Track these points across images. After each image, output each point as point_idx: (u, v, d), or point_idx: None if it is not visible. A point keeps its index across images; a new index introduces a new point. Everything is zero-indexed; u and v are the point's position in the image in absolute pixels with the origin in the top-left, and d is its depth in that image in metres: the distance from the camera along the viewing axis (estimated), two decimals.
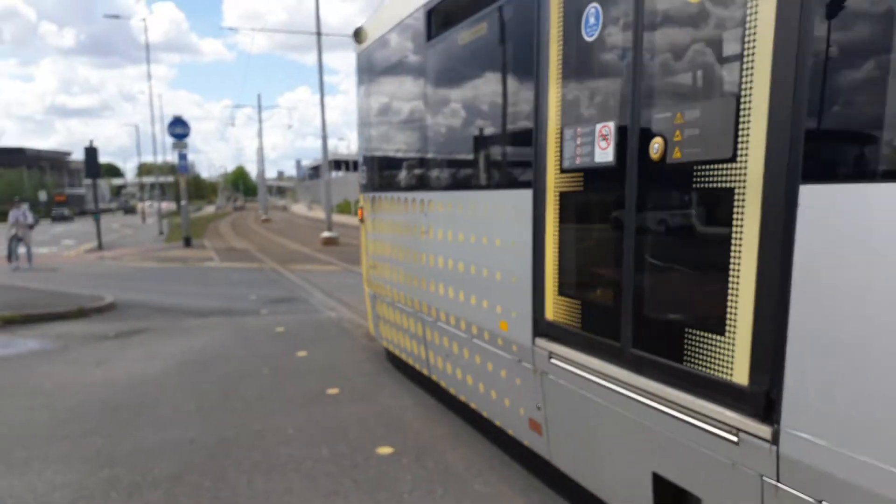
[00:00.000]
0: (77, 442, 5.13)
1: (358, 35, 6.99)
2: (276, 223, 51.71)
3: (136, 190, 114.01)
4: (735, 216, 2.40)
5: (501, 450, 4.83)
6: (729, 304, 2.46)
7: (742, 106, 2.33)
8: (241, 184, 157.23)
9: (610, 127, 3.08)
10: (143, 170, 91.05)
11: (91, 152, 23.97)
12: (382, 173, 6.73)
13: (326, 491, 4.24)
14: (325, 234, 26.42)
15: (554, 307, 3.66)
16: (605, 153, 3.13)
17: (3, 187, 73.09)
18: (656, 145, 2.76)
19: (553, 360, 3.66)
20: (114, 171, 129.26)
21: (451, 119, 5.01)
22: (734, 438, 2.48)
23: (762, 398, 2.37)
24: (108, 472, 4.58)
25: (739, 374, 2.47)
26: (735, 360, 2.48)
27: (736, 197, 2.39)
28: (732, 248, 2.42)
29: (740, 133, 2.35)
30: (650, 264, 2.92)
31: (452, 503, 4.09)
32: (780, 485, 2.31)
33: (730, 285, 2.45)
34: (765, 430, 2.35)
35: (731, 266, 2.44)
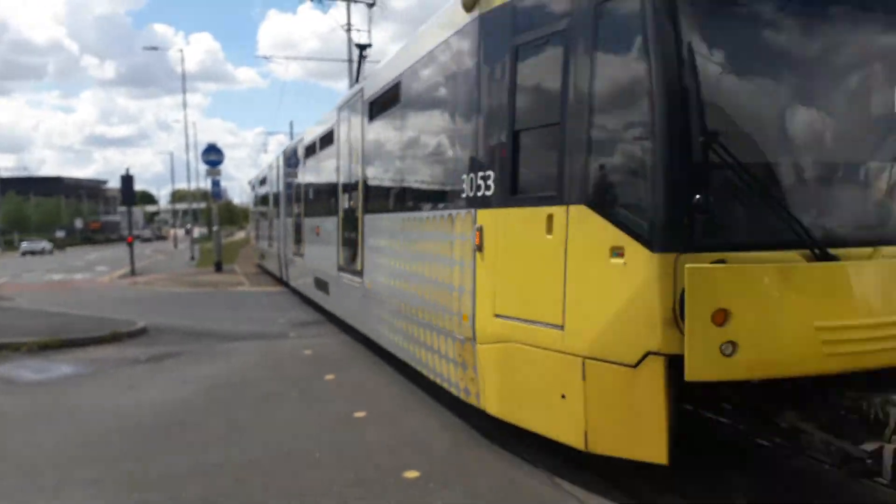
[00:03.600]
0: (109, 465, 5.19)
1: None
2: None
3: (169, 216, 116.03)
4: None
5: (541, 473, 4.78)
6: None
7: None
8: None
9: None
10: (177, 196, 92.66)
11: (127, 180, 24.54)
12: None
13: None
14: None
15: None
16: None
17: (41, 215, 75.12)
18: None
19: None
20: (148, 199, 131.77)
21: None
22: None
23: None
24: (138, 495, 4.61)
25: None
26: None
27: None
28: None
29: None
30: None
31: None
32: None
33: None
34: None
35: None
